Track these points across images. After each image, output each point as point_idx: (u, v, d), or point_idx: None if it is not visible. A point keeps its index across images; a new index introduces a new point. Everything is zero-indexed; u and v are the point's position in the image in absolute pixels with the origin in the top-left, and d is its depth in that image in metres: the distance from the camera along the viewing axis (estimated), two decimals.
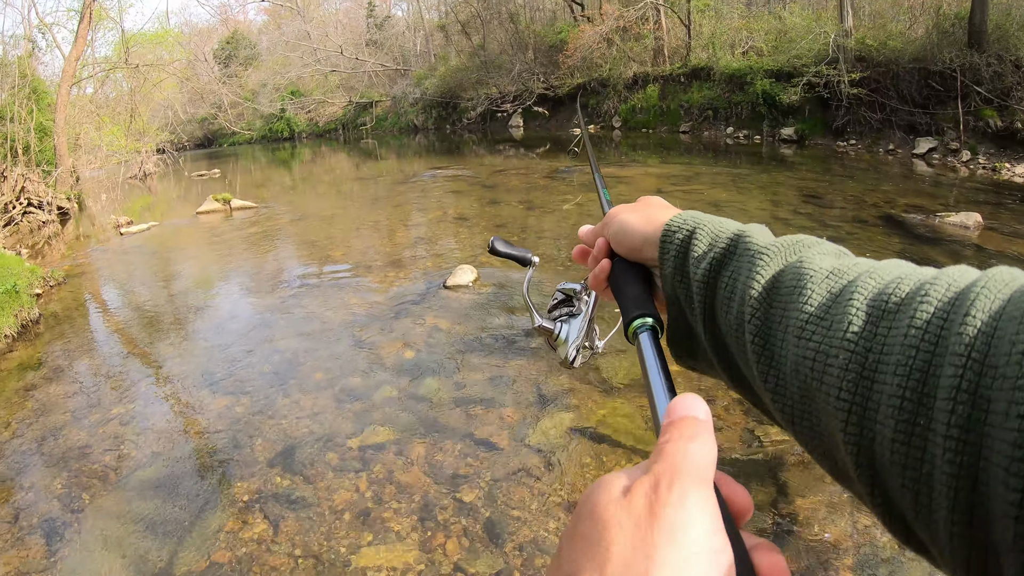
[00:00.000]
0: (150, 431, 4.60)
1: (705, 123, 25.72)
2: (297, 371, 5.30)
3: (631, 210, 0.90)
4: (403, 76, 46.84)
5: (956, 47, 18.55)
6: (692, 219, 0.80)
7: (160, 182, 25.17)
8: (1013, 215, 10.41)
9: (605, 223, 0.93)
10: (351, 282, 7.63)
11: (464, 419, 4.41)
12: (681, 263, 0.79)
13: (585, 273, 1.01)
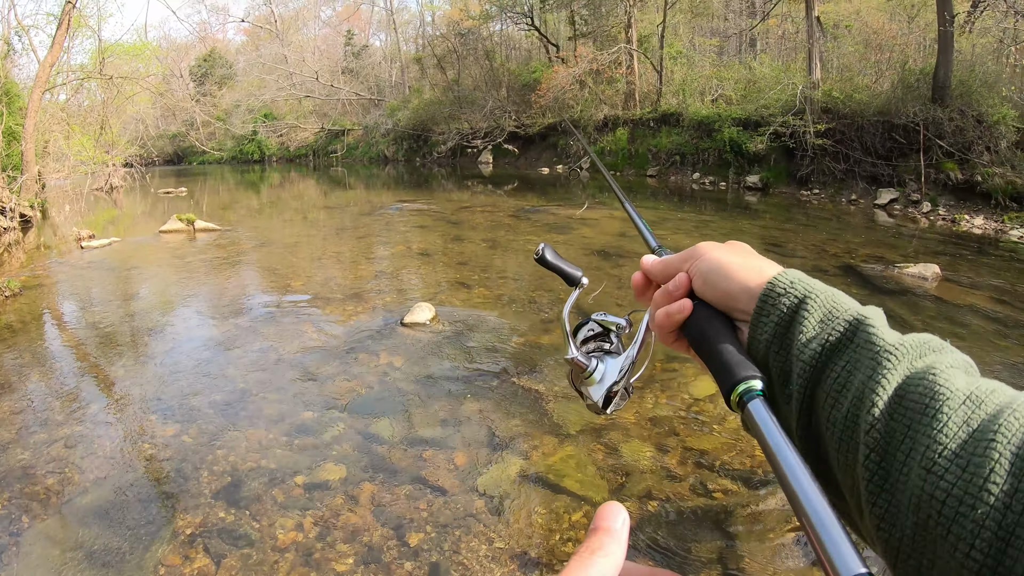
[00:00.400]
0: (96, 455, 4.58)
1: (672, 168, 26.11)
2: (249, 403, 5.31)
3: (727, 251, 0.83)
4: (376, 106, 46.98)
5: (920, 101, 19.12)
6: (802, 284, 0.74)
7: (126, 196, 25.00)
8: (971, 266, 10.71)
9: (690, 257, 0.85)
10: (309, 314, 7.66)
11: (414, 461, 4.44)
12: (783, 333, 0.73)
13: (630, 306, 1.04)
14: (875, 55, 24.70)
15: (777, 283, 0.74)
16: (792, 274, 0.75)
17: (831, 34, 26.74)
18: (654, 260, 0.93)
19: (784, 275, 0.75)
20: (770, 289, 0.74)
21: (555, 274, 1.14)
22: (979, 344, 6.81)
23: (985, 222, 15.92)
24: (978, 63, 20.52)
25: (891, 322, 2.81)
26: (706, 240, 0.88)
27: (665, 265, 0.89)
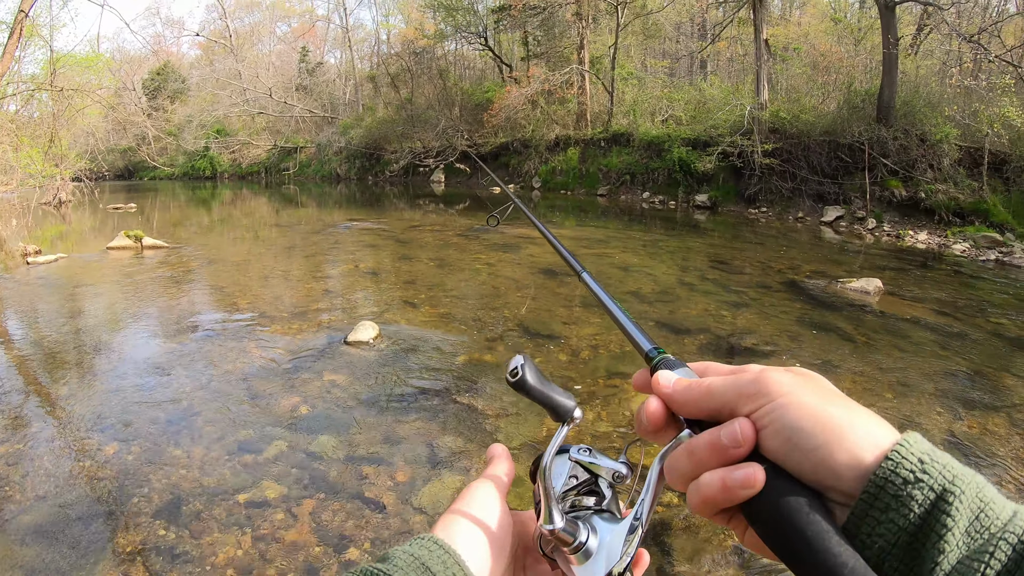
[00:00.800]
0: (38, 473, 4.53)
1: (623, 187, 26.40)
2: (191, 421, 5.30)
3: (815, 393, 0.59)
4: (330, 124, 46.79)
5: (865, 122, 19.64)
6: (937, 469, 0.53)
7: (75, 211, 24.57)
8: (914, 280, 11.00)
9: (756, 393, 0.60)
10: (254, 333, 7.63)
11: (354, 478, 4.45)
12: (909, 542, 0.52)
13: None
14: (822, 77, 25.32)
15: (901, 463, 0.53)
16: (917, 445, 0.54)
17: (779, 56, 27.36)
18: (680, 382, 0.68)
19: (908, 447, 0.54)
20: (892, 472, 0.52)
21: (536, 403, 0.76)
22: (920, 354, 7.02)
23: (929, 237, 16.38)
24: (922, 84, 21.20)
25: (833, 336, 2.98)
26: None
27: (706, 394, 0.64)
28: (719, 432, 0.60)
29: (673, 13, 35.77)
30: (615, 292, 9.28)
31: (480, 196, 26.49)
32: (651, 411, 0.68)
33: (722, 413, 0.62)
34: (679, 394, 0.66)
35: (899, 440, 0.54)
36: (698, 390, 0.65)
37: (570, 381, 5.98)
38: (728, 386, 0.62)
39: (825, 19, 33.39)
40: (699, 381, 0.66)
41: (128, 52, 69.04)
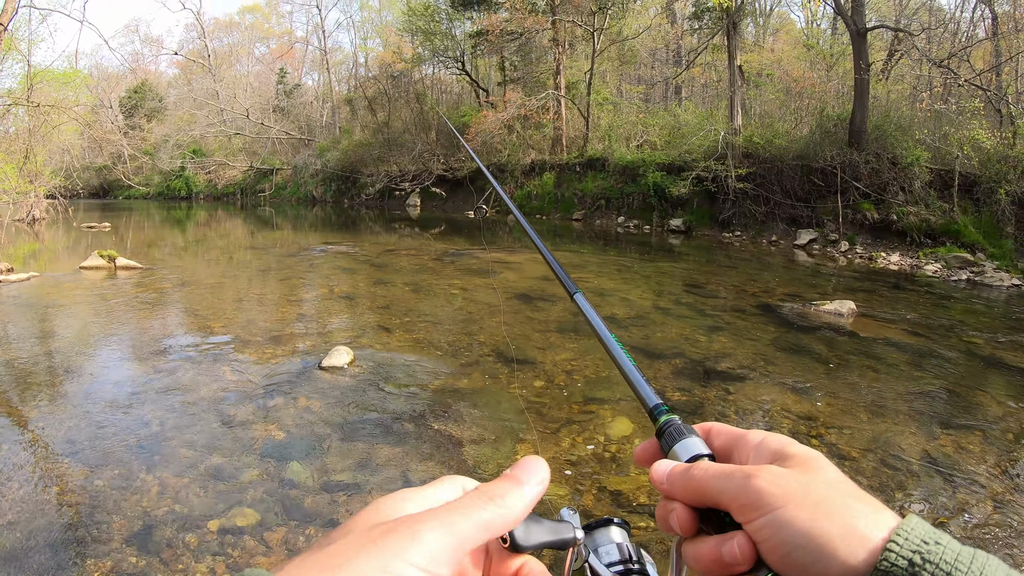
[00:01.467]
0: (5, 498, 4.44)
1: (598, 212, 26.59)
2: (163, 446, 5.23)
3: (811, 502, 0.59)
4: (306, 146, 46.84)
5: (837, 146, 19.96)
6: (929, 567, 0.53)
7: (48, 229, 24.38)
8: (886, 301, 11.12)
9: (749, 506, 0.61)
10: (227, 356, 7.58)
11: (328, 505, 4.41)
12: None
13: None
14: (795, 102, 25.66)
15: (892, 570, 0.53)
16: (908, 544, 0.55)
17: (753, 82, 27.72)
18: (676, 473, 0.69)
19: (899, 549, 0.54)
20: (887, 570, 0.54)
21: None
22: (894, 375, 7.09)
23: (901, 258, 16.62)
24: (893, 108, 21.58)
25: (807, 359, 3.00)
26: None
27: (699, 492, 0.66)
28: (720, 548, 0.62)
29: (648, 40, 36.29)
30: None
31: (457, 220, 26.47)
32: (684, 522, 0.67)
33: (720, 507, 0.64)
34: (676, 491, 0.68)
35: (890, 540, 0.55)
36: (692, 486, 0.66)
37: (544, 407, 5.98)
38: (722, 487, 0.63)
39: (798, 45, 33.93)
40: (693, 476, 0.66)
41: (106, 69, 68.97)
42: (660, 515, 0.69)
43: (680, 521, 0.67)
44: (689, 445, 0.72)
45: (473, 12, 35.91)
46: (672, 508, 0.68)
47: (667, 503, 0.68)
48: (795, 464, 0.63)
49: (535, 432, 5.42)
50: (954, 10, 30.43)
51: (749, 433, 0.71)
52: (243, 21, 74.70)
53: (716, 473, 0.65)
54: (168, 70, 78.15)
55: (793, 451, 0.66)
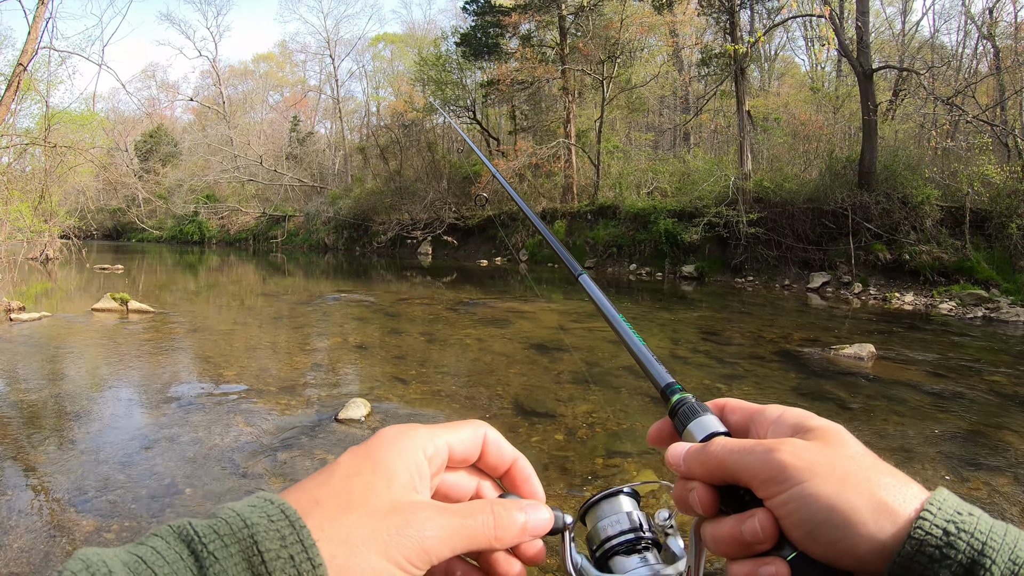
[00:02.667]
0: (10, 548, 4.34)
1: (609, 260, 26.60)
2: (175, 499, 5.14)
3: (836, 475, 0.58)
4: (319, 193, 47.24)
5: (847, 187, 20.01)
6: (964, 540, 0.52)
7: (61, 269, 24.61)
8: (904, 342, 11.01)
9: (771, 480, 0.60)
10: (241, 406, 7.52)
11: None
12: None
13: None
14: (803, 145, 25.80)
15: (925, 539, 0.52)
16: (941, 514, 0.54)
17: (761, 127, 27.90)
18: (692, 453, 0.68)
19: (932, 519, 0.53)
20: (916, 551, 0.52)
21: None
22: (919, 418, 6.99)
23: (915, 298, 16.54)
24: (901, 148, 21.68)
25: (831, 404, 2.95)
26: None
27: (719, 468, 0.64)
28: (740, 526, 0.60)
29: (657, 87, 36.62)
30: (606, 368, 9.35)
31: (469, 269, 26.45)
32: (704, 501, 0.67)
33: (739, 483, 0.63)
34: (694, 471, 0.67)
35: (922, 512, 0.54)
36: (711, 464, 0.65)
37: (567, 461, 5.87)
38: (742, 463, 0.62)
39: (804, 88, 34.18)
40: (712, 453, 0.65)
41: (123, 112, 69.99)
42: (678, 496, 0.69)
43: (700, 500, 0.66)
44: (704, 423, 0.71)
45: (484, 62, 36.34)
46: (691, 487, 0.67)
47: (685, 483, 0.68)
48: (817, 437, 0.63)
49: (561, 487, 5.33)
50: (957, 47, 30.68)
51: (767, 408, 0.71)
52: (257, 69, 75.90)
53: (735, 448, 0.64)
54: (183, 116, 79.41)
55: (814, 424, 0.65)
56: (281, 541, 0.52)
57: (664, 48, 37.56)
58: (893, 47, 32.13)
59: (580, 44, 31.67)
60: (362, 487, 0.59)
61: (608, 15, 31.96)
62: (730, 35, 25.85)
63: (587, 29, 32.28)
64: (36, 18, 21.27)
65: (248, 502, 0.55)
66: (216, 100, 63.89)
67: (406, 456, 0.62)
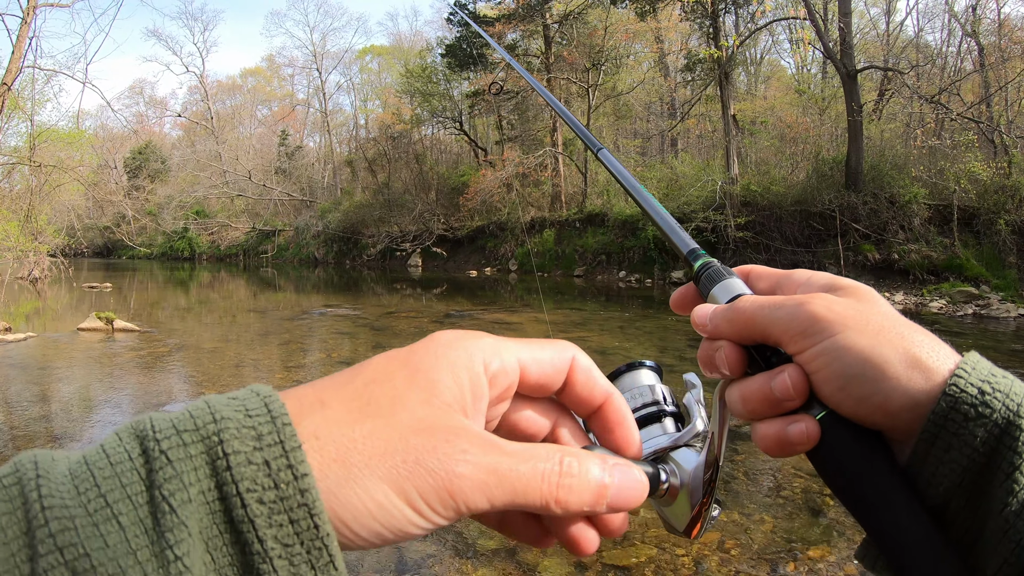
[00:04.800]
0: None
1: (599, 267, 26.59)
2: None
3: (869, 328, 0.55)
4: (308, 207, 47.23)
5: (834, 189, 20.04)
6: (1000, 400, 0.51)
7: (50, 287, 24.55)
8: None
9: (803, 333, 0.57)
10: None
11: None
12: (973, 480, 0.51)
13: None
14: (790, 148, 25.84)
15: (960, 397, 0.51)
16: (975, 373, 0.52)
17: (747, 130, 27.91)
18: (719, 313, 0.64)
19: (966, 377, 0.52)
20: (951, 409, 0.51)
21: None
22: None
23: (905, 297, 16.52)
24: (888, 147, 21.73)
25: None
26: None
27: (748, 325, 0.61)
28: (769, 383, 0.58)
29: (643, 93, 36.67)
30: None
31: (459, 279, 26.44)
32: (732, 360, 0.63)
33: (768, 340, 0.60)
34: (721, 329, 0.63)
35: (956, 370, 0.52)
36: (740, 320, 0.61)
37: None
38: (772, 317, 0.59)
39: (789, 91, 34.21)
40: (741, 309, 0.62)
41: (111, 129, 69.73)
42: (704, 357, 0.66)
43: (728, 359, 0.62)
44: (729, 286, 0.69)
45: (470, 73, 36.37)
46: (718, 347, 0.63)
47: (711, 343, 0.64)
48: (849, 294, 0.60)
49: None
50: (941, 45, 30.79)
51: (794, 272, 0.68)
52: (245, 84, 75.93)
53: (764, 303, 0.61)
54: (172, 131, 79.37)
55: (844, 283, 0.62)
56: (256, 442, 0.40)
57: (649, 54, 37.66)
58: (878, 47, 32.25)
59: (565, 52, 31.76)
60: (388, 396, 0.46)
61: (592, 23, 32.04)
62: (713, 40, 25.89)
63: (572, 37, 32.37)
64: (19, 37, 21.26)
65: (231, 394, 0.44)
66: (204, 115, 63.86)
67: (458, 367, 0.48)
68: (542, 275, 28.22)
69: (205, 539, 0.38)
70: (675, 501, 0.65)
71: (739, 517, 4.58)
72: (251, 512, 0.38)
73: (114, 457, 0.39)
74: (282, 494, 0.39)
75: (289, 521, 0.39)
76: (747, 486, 5.11)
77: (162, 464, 0.38)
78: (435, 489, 0.42)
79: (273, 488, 0.39)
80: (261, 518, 0.38)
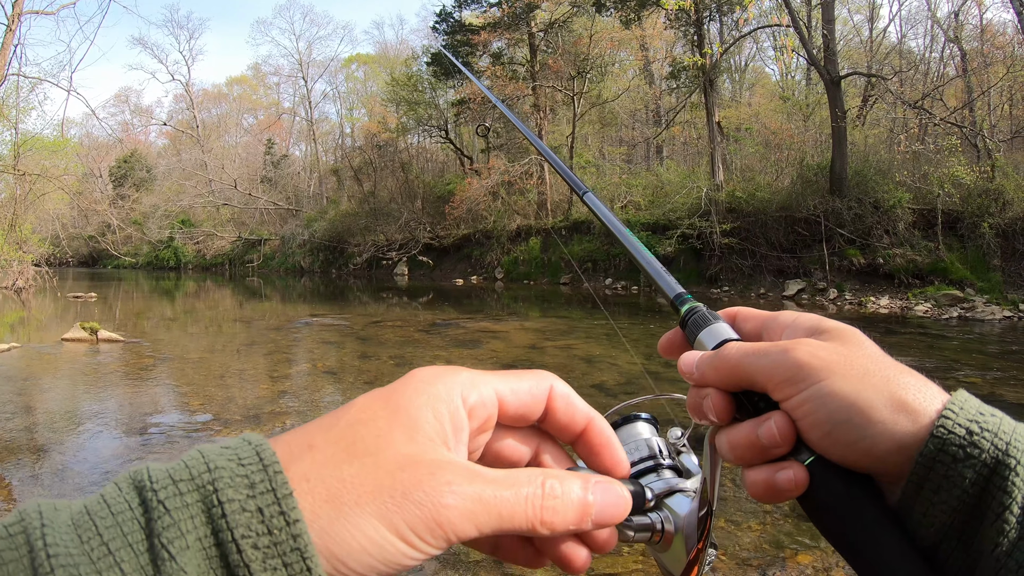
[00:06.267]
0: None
1: (585, 274, 26.57)
2: None
3: (853, 372, 0.56)
4: (294, 216, 47.17)
5: (819, 194, 20.17)
6: (987, 439, 0.50)
7: (35, 297, 24.36)
8: (881, 347, 10.97)
9: (788, 381, 0.57)
10: (205, 437, 7.39)
11: None
12: (965, 521, 0.50)
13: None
14: (774, 154, 25.95)
15: (948, 439, 0.50)
16: (963, 413, 0.52)
17: (732, 137, 28.09)
18: (705, 361, 0.65)
19: (954, 418, 0.51)
20: (938, 451, 0.50)
21: None
22: None
23: (890, 301, 16.64)
24: (872, 153, 21.88)
25: None
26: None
27: (734, 372, 0.61)
28: (756, 430, 0.58)
29: (628, 101, 36.80)
30: (579, 386, 9.13)
31: (445, 288, 26.39)
32: (690, 400, 0.66)
33: (755, 387, 0.60)
34: (707, 377, 0.63)
35: (944, 411, 0.52)
36: (725, 368, 0.61)
37: None
38: (757, 365, 0.59)
39: (774, 98, 34.43)
40: (726, 357, 0.62)
41: (96, 138, 69.39)
42: (692, 404, 0.66)
43: (715, 406, 0.63)
44: (715, 331, 0.69)
45: (455, 81, 36.39)
46: (705, 395, 0.64)
47: (699, 391, 0.65)
48: (833, 337, 0.61)
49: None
50: (924, 51, 31.06)
51: (779, 314, 0.69)
52: (231, 92, 75.81)
53: (749, 351, 0.61)
54: (157, 140, 79.00)
55: (829, 326, 0.63)
56: (249, 490, 0.41)
57: (634, 62, 37.80)
58: (861, 54, 32.51)
59: (550, 61, 31.83)
60: (373, 435, 0.48)
61: (578, 31, 32.16)
62: (698, 47, 26.02)
63: (557, 46, 32.47)
64: (4, 44, 21.20)
65: (223, 443, 0.46)
66: (190, 124, 63.72)
67: (438, 402, 0.51)
68: (528, 283, 28.32)
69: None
70: (671, 547, 0.66)
71: (726, 524, 4.57)
72: (247, 557, 0.40)
73: (115, 507, 0.40)
74: (275, 539, 0.40)
75: (283, 565, 0.40)
76: (734, 492, 5.10)
77: (160, 513, 0.40)
78: (424, 521, 0.44)
79: (267, 534, 0.40)
80: (256, 563, 0.40)
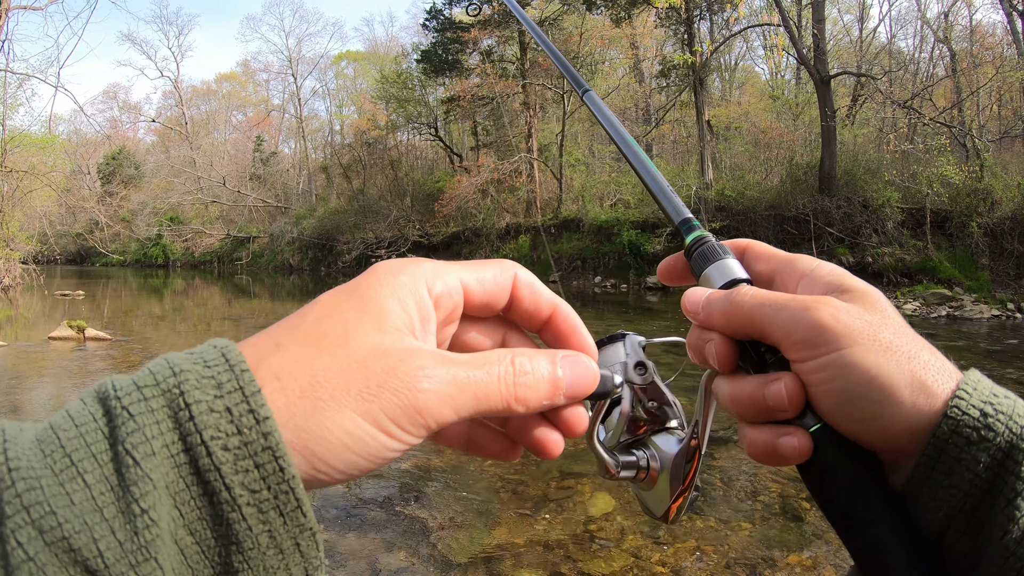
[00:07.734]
0: None
1: (575, 272, 26.53)
2: None
3: (871, 340, 0.51)
4: (283, 213, 46.98)
5: (808, 193, 20.19)
6: (1002, 421, 0.48)
7: (23, 295, 24.24)
8: None
9: (807, 342, 0.52)
10: None
11: None
12: (974, 507, 0.48)
13: None
14: (764, 153, 26.00)
15: (962, 420, 0.48)
16: (977, 395, 0.49)
17: (722, 136, 28.09)
18: (713, 300, 0.60)
19: (968, 399, 0.49)
20: (952, 432, 0.48)
21: None
22: None
23: None
24: (861, 152, 21.90)
25: None
26: None
27: (747, 321, 0.57)
28: (763, 389, 0.55)
29: (618, 99, 36.73)
30: None
31: None
32: (722, 355, 0.59)
33: (766, 340, 0.56)
34: (714, 320, 0.59)
35: (958, 391, 0.49)
36: (737, 315, 0.57)
37: (520, 485, 5.74)
38: (774, 318, 0.55)
39: (764, 97, 34.45)
40: (739, 303, 0.57)
41: (84, 134, 68.93)
42: (693, 344, 0.62)
43: (718, 353, 0.59)
44: (725, 268, 0.64)
45: (445, 78, 36.29)
46: (708, 339, 0.60)
47: (702, 332, 0.61)
48: (857, 299, 0.55)
49: (512, 511, 5.19)
50: (913, 51, 31.17)
51: (797, 258, 0.63)
52: (220, 89, 75.32)
53: (766, 301, 0.56)
54: (146, 137, 78.39)
55: (852, 284, 0.57)
56: (216, 390, 0.40)
57: (624, 60, 37.78)
58: (851, 53, 32.55)
59: (541, 58, 31.74)
60: (341, 327, 0.46)
61: (568, 29, 32.07)
62: (688, 46, 26.04)
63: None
64: None
65: (189, 349, 0.43)
66: (179, 120, 63.41)
67: (403, 293, 0.49)
68: None
69: (172, 493, 0.38)
70: (654, 486, 0.65)
71: (716, 524, 4.55)
72: (216, 460, 0.38)
73: (79, 419, 0.40)
74: (246, 439, 0.39)
75: (255, 466, 0.39)
76: (724, 491, 5.08)
77: (124, 419, 0.39)
78: (402, 408, 0.43)
79: (236, 434, 0.39)
80: (227, 465, 0.39)
